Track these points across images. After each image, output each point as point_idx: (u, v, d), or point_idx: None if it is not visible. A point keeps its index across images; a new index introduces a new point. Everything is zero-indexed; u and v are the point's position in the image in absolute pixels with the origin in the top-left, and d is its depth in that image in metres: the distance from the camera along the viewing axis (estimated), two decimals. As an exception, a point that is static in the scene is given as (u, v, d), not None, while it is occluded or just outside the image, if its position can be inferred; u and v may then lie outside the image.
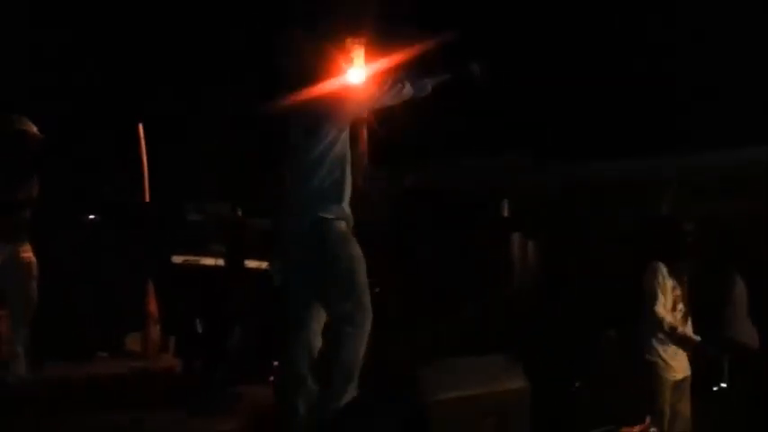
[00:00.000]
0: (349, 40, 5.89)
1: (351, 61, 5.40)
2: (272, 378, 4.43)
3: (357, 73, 5.76)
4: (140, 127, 5.95)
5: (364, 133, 6.49)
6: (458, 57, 3.64)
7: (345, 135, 3.25)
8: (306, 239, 3.17)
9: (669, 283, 4.18)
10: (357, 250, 3.20)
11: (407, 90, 3.33)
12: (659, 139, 7.20)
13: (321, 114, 3.21)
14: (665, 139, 7.18)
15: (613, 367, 4.48)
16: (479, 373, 3.36)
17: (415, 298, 5.20)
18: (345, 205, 3.23)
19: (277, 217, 3.50)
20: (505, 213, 5.70)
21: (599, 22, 8.08)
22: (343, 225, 3.20)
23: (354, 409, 3.34)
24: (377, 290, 5.12)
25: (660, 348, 4.17)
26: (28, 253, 4.71)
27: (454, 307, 5.05)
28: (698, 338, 4.22)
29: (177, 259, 5.13)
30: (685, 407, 4.20)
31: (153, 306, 5.94)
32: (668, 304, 4.15)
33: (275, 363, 4.37)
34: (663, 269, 4.19)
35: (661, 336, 4.17)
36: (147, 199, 5.93)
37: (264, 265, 5.01)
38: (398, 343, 4.56)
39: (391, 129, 6.58)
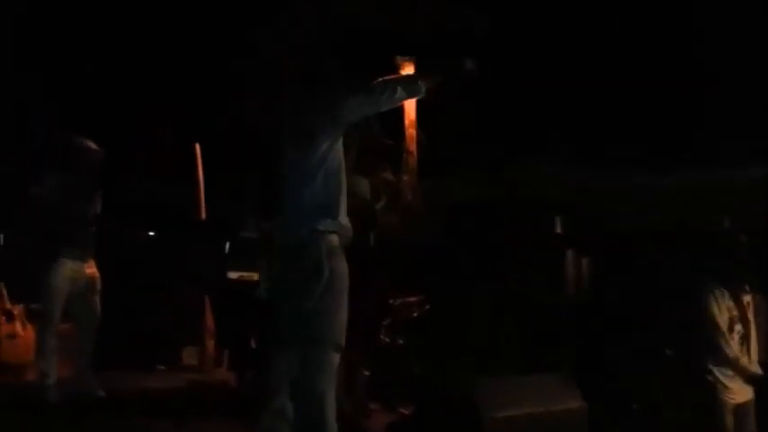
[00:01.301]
0: (399, 57, 5.97)
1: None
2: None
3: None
4: (197, 146, 6.13)
5: (414, 148, 6.55)
6: (452, 54, 3.56)
7: (339, 146, 3.18)
8: (297, 252, 3.10)
9: (724, 304, 4.04)
10: (342, 266, 3.09)
11: (400, 93, 3.21)
12: (715, 149, 7.05)
13: (313, 124, 3.16)
14: (721, 148, 7.03)
15: (671, 388, 4.38)
16: (536, 391, 3.35)
17: (466, 314, 5.18)
18: (341, 218, 3.14)
19: (273, 230, 3.46)
20: (558, 230, 5.65)
21: (648, 30, 8.01)
22: (334, 239, 3.10)
23: (410, 426, 3.35)
24: (426, 306, 5.15)
25: (717, 370, 4.04)
26: (92, 268, 4.89)
27: (506, 324, 5.01)
28: (757, 371, 4.07)
29: (232, 275, 5.23)
30: (749, 430, 4.06)
31: (209, 321, 6.07)
32: (724, 327, 4.01)
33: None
34: (716, 291, 4.05)
35: (719, 357, 4.05)
36: (204, 216, 6.09)
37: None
38: (451, 359, 4.56)
39: (439, 143, 6.64)
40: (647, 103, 7.91)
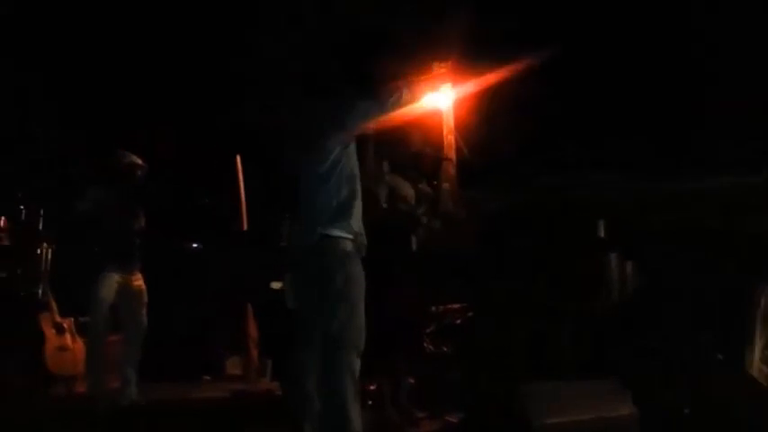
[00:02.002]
0: (435, 64, 5.95)
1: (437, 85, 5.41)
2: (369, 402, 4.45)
3: (444, 96, 5.78)
4: (238, 158, 6.20)
5: (453, 156, 6.53)
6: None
7: (351, 152, 3.20)
8: (310, 257, 3.14)
9: None
10: (357, 270, 3.11)
11: (405, 98, 3.23)
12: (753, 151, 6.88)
13: (323, 129, 3.18)
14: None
15: (724, 393, 4.27)
16: (586, 397, 3.29)
17: (508, 321, 5.13)
18: (354, 223, 3.15)
19: (290, 235, 3.48)
20: (601, 233, 5.57)
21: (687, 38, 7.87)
22: (348, 244, 3.12)
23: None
24: (469, 313, 5.11)
25: None
26: (139, 281, 4.99)
27: (550, 330, 4.95)
28: None
29: (275, 285, 5.27)
30: None
31: (253, 331, 6.11)
32: None
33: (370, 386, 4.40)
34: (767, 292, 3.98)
35: None
36: (246, 227, 6.14)
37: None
38: (497, 365, 4.51)
39: (480, 152, 6.59)
40: (679, 109, 7.78)
